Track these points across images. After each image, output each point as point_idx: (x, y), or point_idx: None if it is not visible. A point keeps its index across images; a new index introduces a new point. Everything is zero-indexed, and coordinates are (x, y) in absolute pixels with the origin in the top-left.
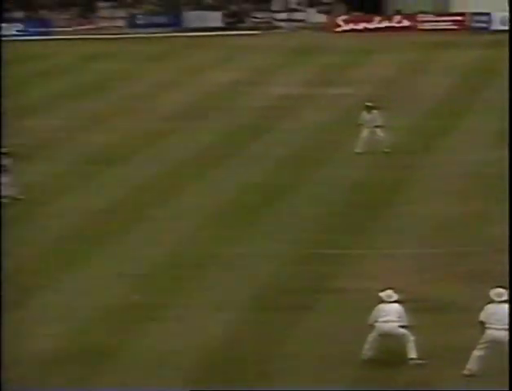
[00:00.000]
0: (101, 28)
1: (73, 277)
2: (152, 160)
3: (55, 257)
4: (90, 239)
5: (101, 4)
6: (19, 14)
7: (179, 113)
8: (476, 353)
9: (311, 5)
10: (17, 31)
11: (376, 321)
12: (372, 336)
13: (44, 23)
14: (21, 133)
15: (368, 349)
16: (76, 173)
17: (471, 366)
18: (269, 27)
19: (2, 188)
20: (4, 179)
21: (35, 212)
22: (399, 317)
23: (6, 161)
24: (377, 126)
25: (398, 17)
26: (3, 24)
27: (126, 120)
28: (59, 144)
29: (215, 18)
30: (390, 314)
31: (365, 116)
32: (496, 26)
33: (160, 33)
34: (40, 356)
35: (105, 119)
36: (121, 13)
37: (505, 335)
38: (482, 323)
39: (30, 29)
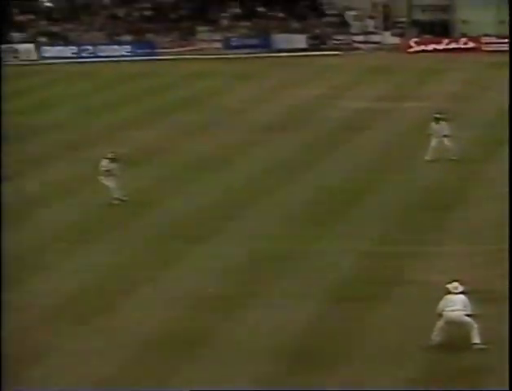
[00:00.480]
0: (200, 50)
1: (174, 270)
2: (243, 166)
3: (159, 253)
4: (189, 237)
5: (200, 28)
6: (128, 37)
7: (268, 124)
8: None
9: (386, 28)
10: (126, 52)
11: (443, 310)
12: (439, 324)
13: (150, 45)
14: (129, 142)
15: (436, 335)
16: (177, 177)
17: None
18: (348, 48)
19: (111, 191)
20: (112, 182)
21: (141, 212)
22: (464, 306)
23: (113, 166)
24: (444, 136)
25: (464, 39)
26: (115, 46)
27: (222, 131)
28: (163, 152)
29: (300, 40)
30: (457, 304)
31: (434, 126)
32: None
33: (251, 54)
34: (146, 338)
35: (203, 130)
36: (218, 36)
37: None
38: None
39: (138, 51)
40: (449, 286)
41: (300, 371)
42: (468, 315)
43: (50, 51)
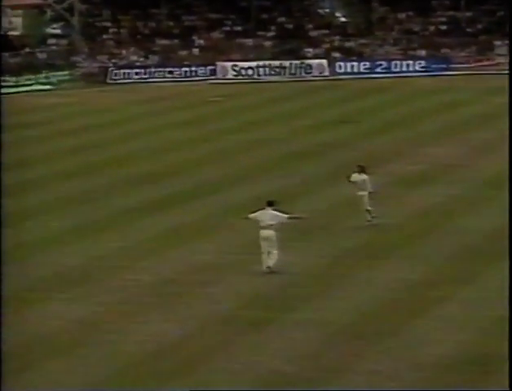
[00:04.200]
0: (497, 65)
1: (469, 290)
2: None
3: (451, 271)
4: (483, 256)
5: (498, 43)
6: (422, 52)
7: None
8: None
9: None
10: (420, 67)
11: None
12: None
13: (445, 60)
14: (424, 158)
15: None
16: (471, 195)
17: None
18: None
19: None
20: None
21: (433, 229)
22: None
23: (362, 179)
24: None
25: None
26: (409, 62)
27: None
28: (458, 169)
29: None
30: None
31: None
32: None
33: None
34: (442, 360)
35: (496, 147)
36: None
37: None
38: None
39: (432, 66)
40: None
41: None
42: None
43: (344, 67)
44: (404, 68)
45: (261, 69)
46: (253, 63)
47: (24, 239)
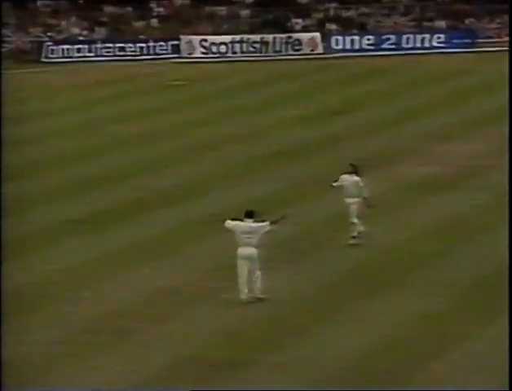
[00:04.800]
0: None
1: (494, 325)
2: None
3: (472, 302)
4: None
5: None
6: (441, 23)
7: None
8: None
9: None
10: (438, 43)
11: None
12: None
13: (469, 33)
14: (440, 158)
15: None
16: (499, 204)
17: None
18: None
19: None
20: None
21: (454, 247)
22: None
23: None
24: None
25: None
26: (424, 36)
27: None
28: (483, 171)
29: None
30: None
31: None
32: None
33: None
34: None
35: None
36: None
37: None
38: None
39: (453, 41)
40: None
41: None
42: None
43: (341, 42)
44: (418, 44)
45: (237, 45)
46: (227, 38)
47: None
